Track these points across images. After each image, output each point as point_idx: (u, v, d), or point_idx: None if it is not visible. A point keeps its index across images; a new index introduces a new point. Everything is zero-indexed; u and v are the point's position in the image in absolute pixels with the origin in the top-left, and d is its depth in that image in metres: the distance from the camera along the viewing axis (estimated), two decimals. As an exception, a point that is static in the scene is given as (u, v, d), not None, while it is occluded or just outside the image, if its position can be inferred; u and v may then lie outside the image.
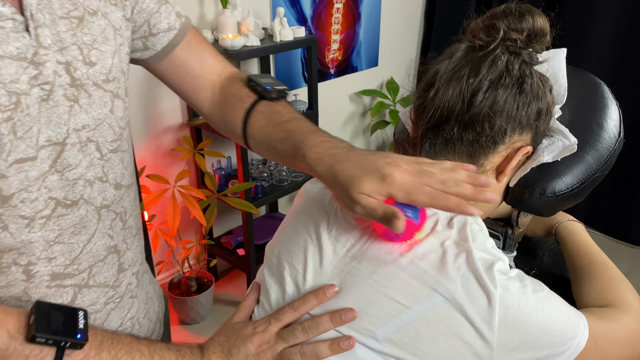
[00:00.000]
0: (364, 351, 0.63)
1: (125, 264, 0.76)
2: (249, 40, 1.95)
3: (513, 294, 0.60)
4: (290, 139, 0.69)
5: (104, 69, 0.67)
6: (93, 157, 0.67)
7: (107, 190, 0.70)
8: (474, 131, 0.69)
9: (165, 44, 0.79)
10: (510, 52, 0.71)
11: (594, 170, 0.76)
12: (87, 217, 0.68)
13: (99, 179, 0.68)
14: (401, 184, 0.56)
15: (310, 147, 0.65)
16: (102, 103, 0.67)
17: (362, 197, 0.57)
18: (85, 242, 0.68)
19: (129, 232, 0.77)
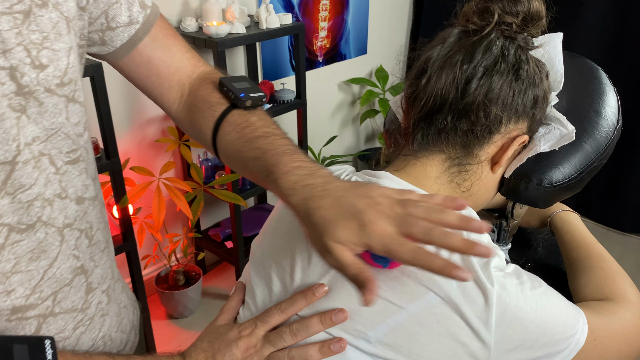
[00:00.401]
0: (355, 354, 0.60)
1: (94, 283, 0.69)
2: (234, 28, 1.90)
3: (510, 292, 0.58)
4: (262, 159, 0.61)
5: (57, 71, 0.58)
6: (48, 172, 0.59)
7: (69, 207, 0.63)
8: (469, 120, 0.66)
9: (125, 40, 0.70)
10: (505, 37, 0.67)
11: (592, 160, 0.73)
12: (48, 240, 0.60)
13: (57, 196, 0.61)
14: (381, 236, 0.48)
15: (283, 174, 0.56)
16: (55, 111, 0.59)
17: (336, 247, 0.49)
18: (47, 267, 0.61)
19: (97, 248, 0.70)
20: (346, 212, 0.49)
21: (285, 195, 0.55)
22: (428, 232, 0.47)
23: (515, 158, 0.72)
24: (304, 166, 0.57)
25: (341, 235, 0.48)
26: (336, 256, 0.49)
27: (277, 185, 0.56)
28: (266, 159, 0.60)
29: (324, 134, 2.82)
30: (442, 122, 0.67)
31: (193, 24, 1.93)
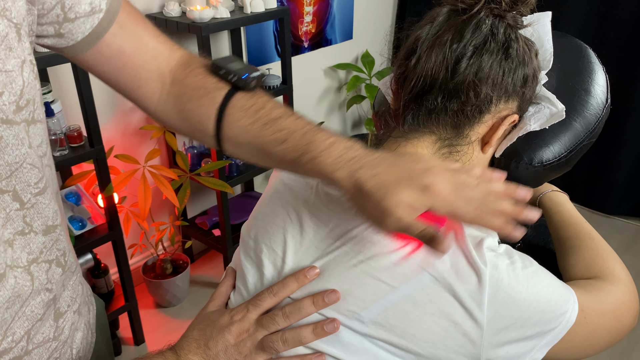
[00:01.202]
0: (349, 334, 0.59)
1: (62, 308, 0.65)
2: (218, 12, 1.87)
3: (502, 272, 0.58)
4: (290, 140, 0.57)
5: (12, 95, 0.50)
6: (9, 210, 0.53)
7: (32, 242, 0.56)
8: (459, 100, 0.65)
9: (87, 32, 0.60)
10: (494, 15, 0.67)
11: (582, 138, 0.73)
12: (19, 283, 0.55)
13: (19, 233, 0.54)
14: (445, 197, 0.50)
15: (323, 151, 0.54)
16: (17, 142, 0.51)
17: (399, 209, 0.49)
18: (18, 309, 0.56)
19: (69, 272, 0.65)
20: (405, 176, 0.50)
21: (330, 172, 0.54)
22: (484, 197, 0.52)
23: (505, 138, 0.72)
24: (339, 141, 0.56)
25: (405, 197, 0.49)
26: (400, 217, 0.50)
27: (317, 163, 0.54)
28: (296, 140, 0.57)
29: (310, 120, 2.80)
30: (433, 102, 0.66)
31: (176, 9, 1.89)
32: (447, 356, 0.59)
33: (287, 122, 0.59)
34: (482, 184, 0.52)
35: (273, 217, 0.68)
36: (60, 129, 1.58)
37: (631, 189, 2.75)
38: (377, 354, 0.59)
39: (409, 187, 0.50)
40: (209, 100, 0.63)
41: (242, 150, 0.63)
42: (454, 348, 0.58)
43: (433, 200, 0.50)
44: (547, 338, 0.61)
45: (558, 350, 0.63)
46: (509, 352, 0.60)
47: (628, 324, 0.72)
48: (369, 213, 0.53)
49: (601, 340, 0.68)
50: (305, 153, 0.56)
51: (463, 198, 0.51)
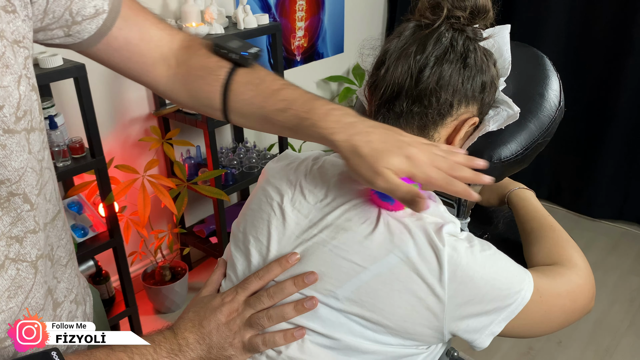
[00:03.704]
0: (326, 310, 0.67)
1: (59, 299, 0.69)
2: (213, 29, 1.96)
3: (461, 253, 0.65)
4: (291, 108, 0.64)
5: (11, 108, 0.54)
6: (21, 210, 0.57)
7: (40, 239, 0.62)
8: (423, 105, 0.73)
9: (92, 32, 0.67)
10: (454, 29, 0.75)
11: (536, 137, 0.81)
12: (21, 276, 0.59)
13: (31, 232, 0.59)
14: (423, 166, 0.61)
15: (322, 116, 0.63)
16: (19, 149, 0.56)
17: (388, 172, 0.60)
18: (23, 300, 0.60)
19: (58, 264, 0.69)
20: (394, 145, 0.62)
21: (329, 134, 0.62)
22: (451, 166, 0.63)
23: (467, 138, 0.80)
24: (336, 107, 0.65)
25: (393, 162, 0.60)
26: (388, 178, 0.60)
27: (317, 128, 0.62)
28: (297, 107, 0.64)
29: (304, 131, 2.89)
30: (400, 107, 0.74)
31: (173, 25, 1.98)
32: (413, 328, 0.66)
33: (287, 93, 0.66)
34: (450, 156, 0.64)
35: (259, 212, 0.76)
36: (63, 140, 1.66)
37: (615, 194, 2.82)
38: (351, 327, 0.66)
39: (397, 155, 0.60)
40: (214, 77, 0.70)
41: (247, 120, 0.71)
42: (420, 321, 0.65)
43: (414, 167, 0.61)
44: (504, 314, 0.67)
45: (516, 326, 0.69)
46: (469, 326, 0.67)
47: (583, 305, 0.78)
48: (363, 173, 0.62)
49: (557, 319, 0.75)
50: (305, 119, 0.63)
51: (436, 167, 0.62)
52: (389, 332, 0.66)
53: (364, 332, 0.66)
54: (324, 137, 0.63)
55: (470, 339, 0.69)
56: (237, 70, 0.70)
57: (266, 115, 0.67)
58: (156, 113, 2.12)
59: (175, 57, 0.73)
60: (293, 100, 0.65)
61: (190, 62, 0.72)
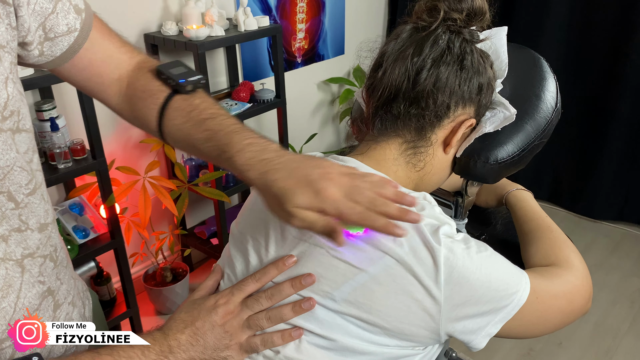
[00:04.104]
0: (323, 311, 0.67)
1: (60, 300, 0.71)
2: (214, 31, 1.97)
3: (457, 254, 0.65)
4: (213, 139, 0.65)
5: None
6: (5, 209, 0.59)
7: (29, 238, 0.63)
8: (420, 107, 0.74)
9: (64, 49, 0.69)
10: (451, 32, 0.75)
11: (532, 139, 0.81)
12: (10, 275, 0.60)
13: (15, 230, 0.60)
14: (334, 200, 0.55)
15: (237, 152, 0.62)
16: (5, 147, 0.57)
17: (298, 211, 0.56)
18: (15, 300, 0.62)
19: (61, 266, 0.71)
20: (302, 181, 0.56)
21: (242, 171, 0.61)
22: (372, 200, 0.56)
23: (465, 140, 0.80)
24: (255, 142, 0.62)
25: (300, 200, 0.56)
26: (301, 217, 0.56)
27: (233, 162, 0.61)
28: (217, 139, 0.64)
29: (305, 132, 2.90)
30: (397, 109, 0.75)
31: (173, 28, 1.99)
32: (410, 330, 0.66)
33: (212, 123, 0.67)
34: (374, 189, 0.57)
35: (258, 212, 0.77)
36: (65, 142, 1.66)
37: (616, 195, 2.82)
38: (348, 328, 0.67)
39: (304, 191, 0.56)
40: (153, 101, 0.72)
41: (179, 144, 0.73)
42: (416, 322, 0.66)
43: (323, 203, 0.55)
44: (500, 315, 0.68)
45: (513, 327, 0.70)
46: (466, 327, 0.67)
47: (580, 306, 0.78)
48: (277, 213, 0.59)
49: (554, 319, 0.75)
50: (224, 152, 0.63)
51: (351, 201, 0.56)
52: (386, 333, 0.67)
53: (361, 333, 0.67)
54: (240, 173, 0.62)
55: (466, 340, 0.69)
56: (175, 96, 0.72)
57: (193, 143, 0.68)
58: (157, 115, 2.13)
59: (127, 79, 0.76)
60: (216, 131, 0.66)
61: (137, 84, 0.75)
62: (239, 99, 2.22)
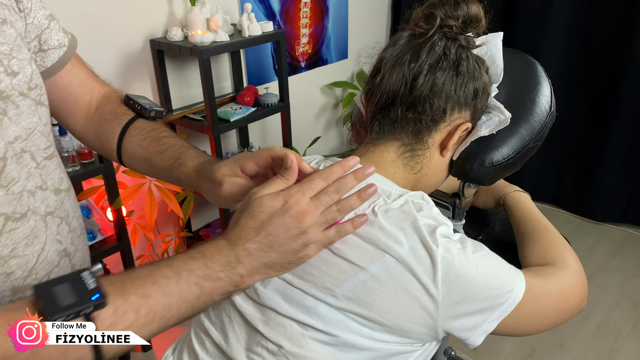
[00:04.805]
0: (325, 308, 0.69)
1: (76, 265, 0.77)
2: (218, 36, 2.00)
3: (454, 254, 0.67)
4: (169, 151, 0.77)
5: (25, 77, 0.66)
6: (30, 167, 0.66)
7: (49, 197, 0.70)
8: (417, 111, 0.76)
9: (54, 60, 0.78)
10: (447, 38, 0.78)
11: (527, 142, 0.84)
12: (37, 227, 0.67)
13: (39, 188, 0.68)
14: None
15: (189, 159, 0.75)
16: (30, 112, 0.66)
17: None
18: (39, 251, 0.68)
19: (75, 234, 0.77)
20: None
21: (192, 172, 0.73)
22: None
23: (461, 143, 0.82)
24: (202, 155, 0.76)
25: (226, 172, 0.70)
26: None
27: (185, 167, 0.74)
28: (173, 151, 0.77)
29: (309, 136, 2.93)
30: (395, 113, 0.77)
31: (179, 34, 2.03)
32: (408, 326, 0.69)
33: (169, 140, 0.79)
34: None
35: None
36: (72, 146, 1.70)
37: (619, 197, 2.83)
38: (349, 324, 0.69)
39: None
40: (118, 122, 0.82)
41: (134, 160, 0.82)
42: (414, 319, 0.68)
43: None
44: (496, 312, 0.70)
45: (509, 325, 0.72)
46: (462, 324, 0.69)
47: (575, 304, 0.80)
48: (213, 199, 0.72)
49: (549, 317, 0.77)
50: (177, 159, 0.75)
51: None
52: (385, 330, 0.69)
53: (361, 330, 0.69)
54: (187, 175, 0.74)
55: (463, 337, 0.71)
56: (138, 119, 0.83)
57: (148, 156, 0.79)
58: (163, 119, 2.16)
59: (97, 104, 0.86)
60: (172, 145, 0.78)
61: (105, 108, 0.85)
62: (243, 103, 2.25)
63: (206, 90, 1.96)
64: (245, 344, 0.73)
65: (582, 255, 2.66)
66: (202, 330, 0.79)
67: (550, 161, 2.99)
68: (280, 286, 0.72)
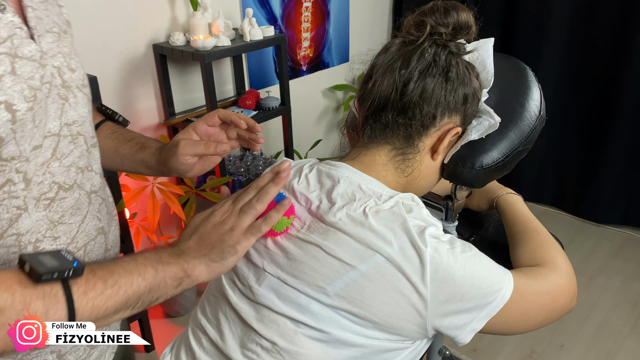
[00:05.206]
0: (317, 306, 0.72)
1: (109, 245, 0.84)
2: (220, 41, 2.03)
3: (442, 254, 0.69)
4: (136, 139, 0.95)
5: (80, 75, 0.77)
6: (82, 148, 0.76)
7: (94, 178, 0.79)
8: (407, 116, 0.79)
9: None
10: (437, 45, 0.80)
11: (516, 145, 0.86)
12: (80, 200, 0.76)
13: (86, 168, 0.77)
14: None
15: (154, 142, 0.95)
16: (83, 104, 0.77)
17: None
18: (80, 222, 0.76)
19: (110, 217, 0.85)
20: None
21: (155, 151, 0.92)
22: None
23: (452, 147, 0.85)
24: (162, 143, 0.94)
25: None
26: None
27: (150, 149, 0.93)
28: (139, 139, 0.95)
29: (310, 138, 2.95)
30: (386, 118, 0.80)
31: (181, 38, 2.06)
32: (398, 324, 0.71)
33: (135, 134, 0.97)
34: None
35: None
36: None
37: (619, 199, 2.84)
38: (340, 322, 0.71)
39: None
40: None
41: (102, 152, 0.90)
42: (404, 317, 0.70)
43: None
44: (484, 311, 0.72)
45: (497, 323, 0.74)
46: (451, 322, 0.71)
47: (563, 304, 0.82)
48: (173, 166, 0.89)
49: (537, 317, 0.79)
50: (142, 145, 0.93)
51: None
52: (376, 327, 0.71)
53: (352, 327, 0.71)
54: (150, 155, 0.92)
55: (452, 335, 0.73)
56: (107, 121, 0.99)
57: (116, 146, 0.95)
58: (166, 123, 2.19)
59: None
60: (137, 137, 0.96)
61: None
62: (245, 106, 2.28)
63: (208, 94, 1.99)
64: (240, 341, 0.76)
65: (582, 257, 2.67)
66: (199, 328, 0.82)
67: (551, 163, 3.00)
68: (274, 284, 0.74)
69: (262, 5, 2.47)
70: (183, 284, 0.70)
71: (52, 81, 0.69)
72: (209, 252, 0.71)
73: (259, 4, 2.45)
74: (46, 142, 0.69)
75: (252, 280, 0.76)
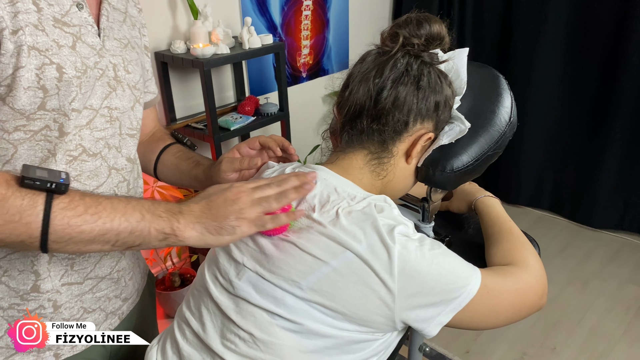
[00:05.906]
0: (291, 299, 0.76)
1: None
2: (219, 49, 2.09)
3: (410, 250, 0.73)
4: (194, 159, 1.06)
5: (134, 79, 0.91)
6: (116, 131, 0.87)
7: (119, 159, 0.89)
8: (380, 123, 0.83)
9: (147, 100, 1.07)
10: (410, 55, 0.85)
11: (485, 150, 0.90)
12: (100, 170, 0.85)
13: (115, 147, 0.88)
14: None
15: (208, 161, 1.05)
16: (129, 99, 0.90)
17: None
18: (95, 187, 0.84)
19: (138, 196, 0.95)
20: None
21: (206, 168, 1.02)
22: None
23: (425, 151, 0.89)
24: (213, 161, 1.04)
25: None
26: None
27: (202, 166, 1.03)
28: (197, 158, 1.06)
29: (310, 144, 3.00)
30: (361, 125, 0.84)
31: (182, 46, 2.12)
32: (368, 316, 0.75)
33: (195, 154, 1.08)
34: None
35: None
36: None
37: (615, 205, 2.86)
38: (313, 314, 0.76)
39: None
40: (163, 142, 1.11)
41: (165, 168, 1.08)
42: (373, 310, 0.75)
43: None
44: (451, 306, 0.76)
45: (464, 318, 0.78)
46: (418, 315, 0.76)
47: (532, 302, 0.86)
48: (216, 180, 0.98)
49: (505, 313, 0.83)
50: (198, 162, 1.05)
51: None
52: (346, 319, 0.75)
53: (324, 319, 0.76)
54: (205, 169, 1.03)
55: (420, 328, 0.78)
56: (177, 144, 1.11)
57: (177, 163, 1.07)
58: (167, 128, 2.25)
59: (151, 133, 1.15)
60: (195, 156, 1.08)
61: (157, 134, 1.14)
62: (244, 112, 2.34)
63: (207, 100, 2.05)
64: (220, 332, 0.80)
65: (578, 261, 2.69)
66: (183, 320, 0.87)
67: (548, 169, 3.03)
68: (253, 279, 0.79)
69: (262, 14, 2.53)
70: (169, 240, 0.74)
71: (105, 71, 0.83)
72: (209, 222, 0.74)
73: (259, 12, 2.51)
74: (85, 112, 0.80)
75: (232, 274, 0.81)
